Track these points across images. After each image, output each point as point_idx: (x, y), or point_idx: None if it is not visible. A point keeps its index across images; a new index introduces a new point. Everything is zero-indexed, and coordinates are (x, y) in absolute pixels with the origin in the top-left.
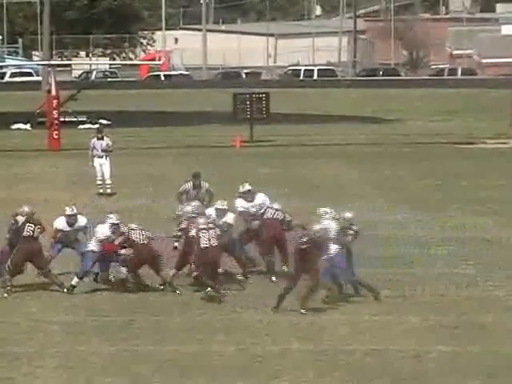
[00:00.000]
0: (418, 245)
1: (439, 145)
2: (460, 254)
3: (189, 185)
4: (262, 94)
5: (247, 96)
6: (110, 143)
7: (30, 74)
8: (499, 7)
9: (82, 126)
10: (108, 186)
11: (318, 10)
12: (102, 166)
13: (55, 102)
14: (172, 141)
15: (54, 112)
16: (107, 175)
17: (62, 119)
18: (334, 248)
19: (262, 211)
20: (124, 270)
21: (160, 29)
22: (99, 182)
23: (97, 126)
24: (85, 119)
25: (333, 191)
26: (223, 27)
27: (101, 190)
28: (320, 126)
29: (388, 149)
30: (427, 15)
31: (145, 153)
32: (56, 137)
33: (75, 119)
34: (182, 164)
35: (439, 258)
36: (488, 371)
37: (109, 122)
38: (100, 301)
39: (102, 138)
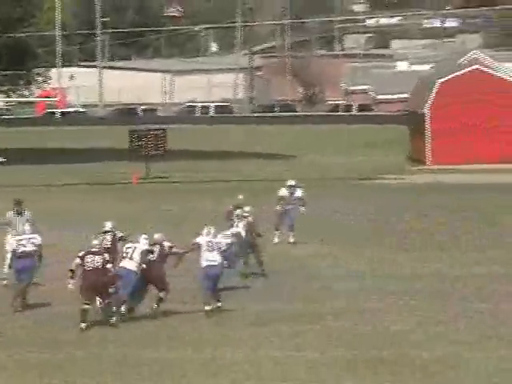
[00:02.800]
0: (320, 279)
1: (340, 180)
2: (364, 288)
3: (10, 213)
4: (159, 130)
5: (143, 132)
6: None
7: None
8: (394, 43)
9: None
10: None
11: (214, 47)
12: None
13: None
14: (68, 177)
15: None
16: None
17: None
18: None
19: None
20: None
21: (55, 66)
22: None
23: None
24: None
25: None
26: (119, 64)
27: None
28: (217, 162)
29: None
30: (323, 52)
31: (39, 190)
32: None
33: None
34: (77, 200)
35: (342, 292)
36: None
37: (4, 160)
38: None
39: None
